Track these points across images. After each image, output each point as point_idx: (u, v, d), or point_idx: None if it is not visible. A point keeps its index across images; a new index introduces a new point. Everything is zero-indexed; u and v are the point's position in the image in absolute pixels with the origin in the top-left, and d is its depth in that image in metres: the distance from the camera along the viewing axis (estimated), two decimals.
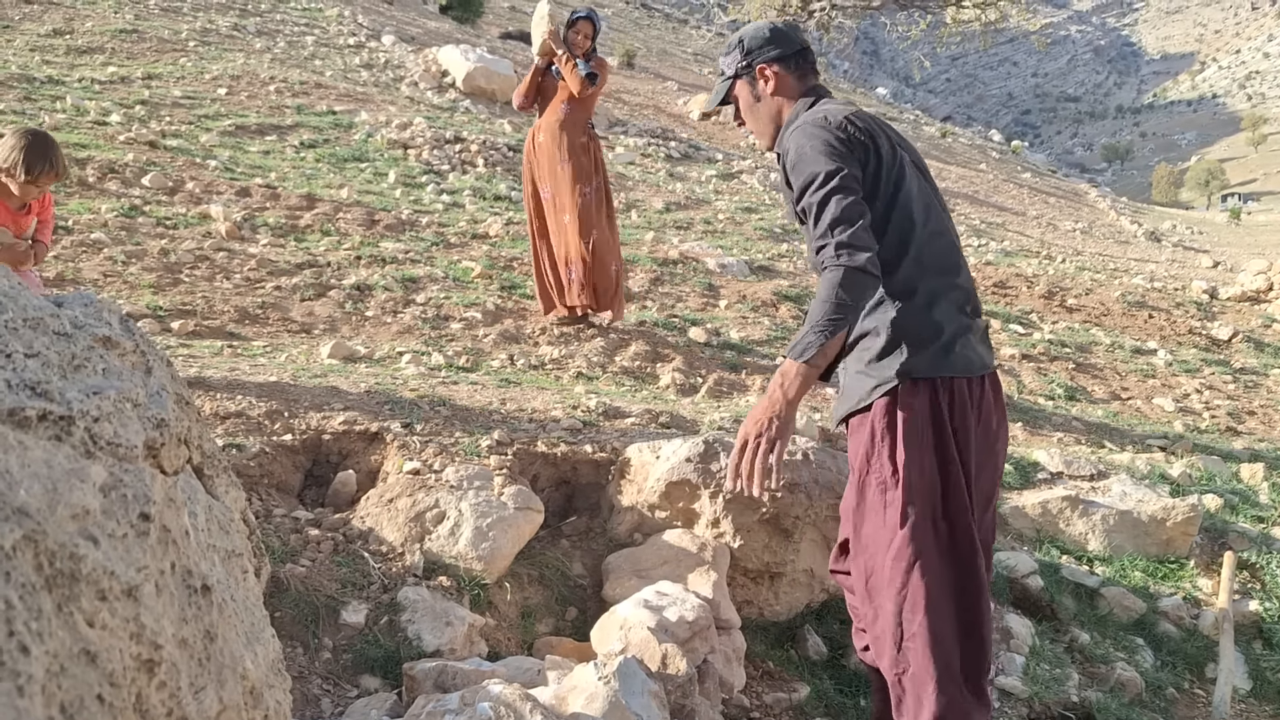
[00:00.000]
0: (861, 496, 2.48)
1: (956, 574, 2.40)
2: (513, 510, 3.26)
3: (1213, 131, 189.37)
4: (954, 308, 2.43)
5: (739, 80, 2.65)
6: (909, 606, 2.38)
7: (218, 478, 1.25)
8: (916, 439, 2.37)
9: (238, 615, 1.10)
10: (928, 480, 2.36)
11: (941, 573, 2.38)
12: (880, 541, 2.44)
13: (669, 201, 11.51)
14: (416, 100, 13.44)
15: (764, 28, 2.64)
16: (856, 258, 2.19)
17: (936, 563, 2.38)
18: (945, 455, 2.38)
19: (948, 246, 2.50)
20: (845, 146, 2.35)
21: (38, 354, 0.90)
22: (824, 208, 2.27)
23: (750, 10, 20.71)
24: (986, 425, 2.48)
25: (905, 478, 2.37)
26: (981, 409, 2.46)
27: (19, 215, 3.70)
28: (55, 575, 0.75)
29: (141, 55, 11.94)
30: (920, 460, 2.36)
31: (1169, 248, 21.90)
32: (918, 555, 2.37)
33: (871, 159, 2.40)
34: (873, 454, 2.44)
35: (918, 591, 2.37)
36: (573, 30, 6.01)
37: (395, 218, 7.99)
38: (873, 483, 2.44)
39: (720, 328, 6.89)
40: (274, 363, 4.65)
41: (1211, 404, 7.62)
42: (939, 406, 2.38)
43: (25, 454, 0.79)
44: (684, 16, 45.90)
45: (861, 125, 2.42)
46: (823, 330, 2.18)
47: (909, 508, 2.36)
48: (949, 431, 2.38)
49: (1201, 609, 4.20)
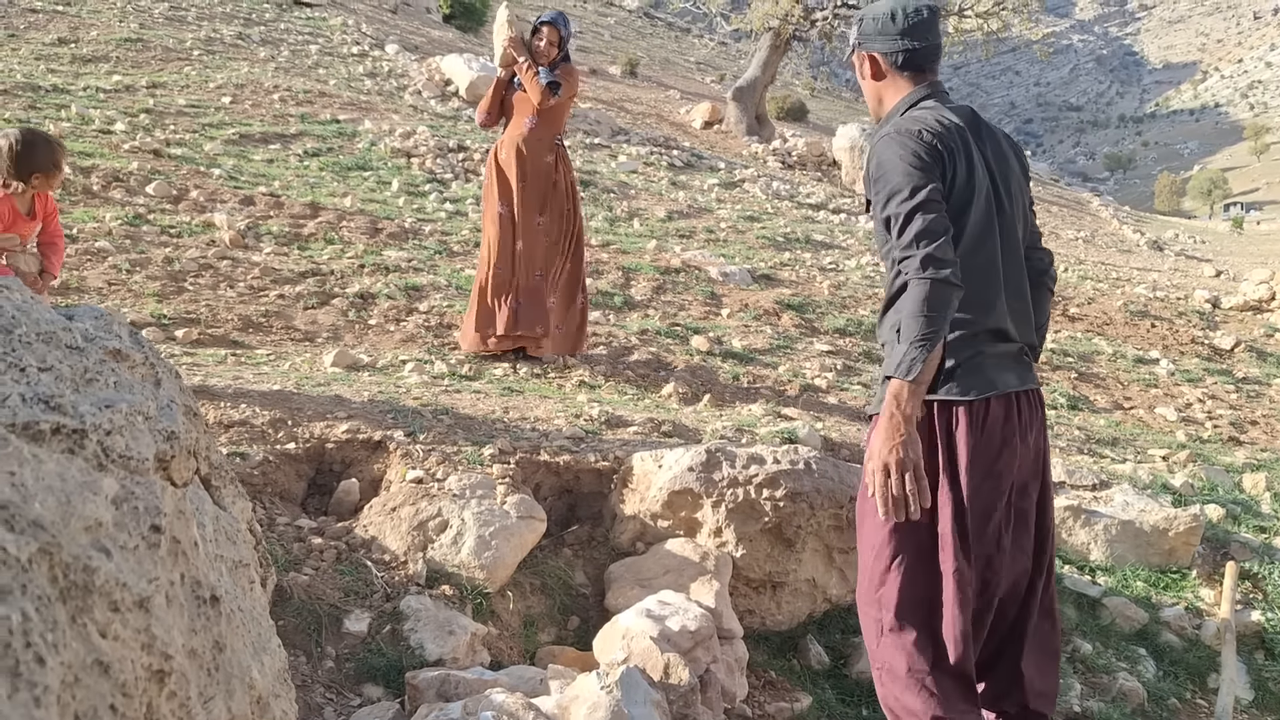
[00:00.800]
0: (865, 501, 2.54)
1: (933, 582, 2.44)
2: (515, 519, 3.27)
3: (1215, 141, 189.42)
4: (965, 336, 2.45)
5: (855, 52, 2.67)
6: (884, 605, 2.45)
7: (225, 488, 1.26)
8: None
9: (245, 625, 1.10)
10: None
11: (916, 577, 2.43)
12: (870, 541, 2.50)
13: (671, 210, 11.53)
14: (420, 109, 13.47)
15: (883, 13, 2.58)
16: (942, 271, 2.24)
17: (914, 567, 2.43)
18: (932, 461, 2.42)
19: (989, 280, 2.50)
20: (931, 159, 2.38)
21: (51, 368, 0.91)
22: (910, 221, 2.31)
23: (753, 19, 20.76)
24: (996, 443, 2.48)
25: None
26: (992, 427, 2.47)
27: (26, 221, 3.72)
28: (69, 587, 0.76)
29: (146, 64, 11.98)
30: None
31: (1171, 257, 21.90)
32: (895, 555, 2.44)
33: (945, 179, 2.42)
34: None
35: (891, 591, 2.44)
36: (536, 37, 5.51)
37: (398, 226, 8.01)
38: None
39: (723, 336, 6.90)
40: (277, 371, 4.67)
41: (1214, 414, 7.62)
42: (946, 422, 2.42)
43: (39, 467, 0.80)
44: (687, 26, 46.00)
45: (946, 144, 2.43)
46: (921, 345, 2.23)
47: None
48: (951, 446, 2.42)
49: (1204, 619, 4.20)
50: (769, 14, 20.18)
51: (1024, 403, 2.55)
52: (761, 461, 3.60)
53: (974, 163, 2.49)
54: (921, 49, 2.58)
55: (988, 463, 2.47)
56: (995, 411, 2.48)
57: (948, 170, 2.42)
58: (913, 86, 2.60)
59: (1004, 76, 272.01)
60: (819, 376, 6.43)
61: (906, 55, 2.57)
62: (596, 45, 31.18)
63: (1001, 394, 2.50)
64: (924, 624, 2.45)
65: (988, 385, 2.47)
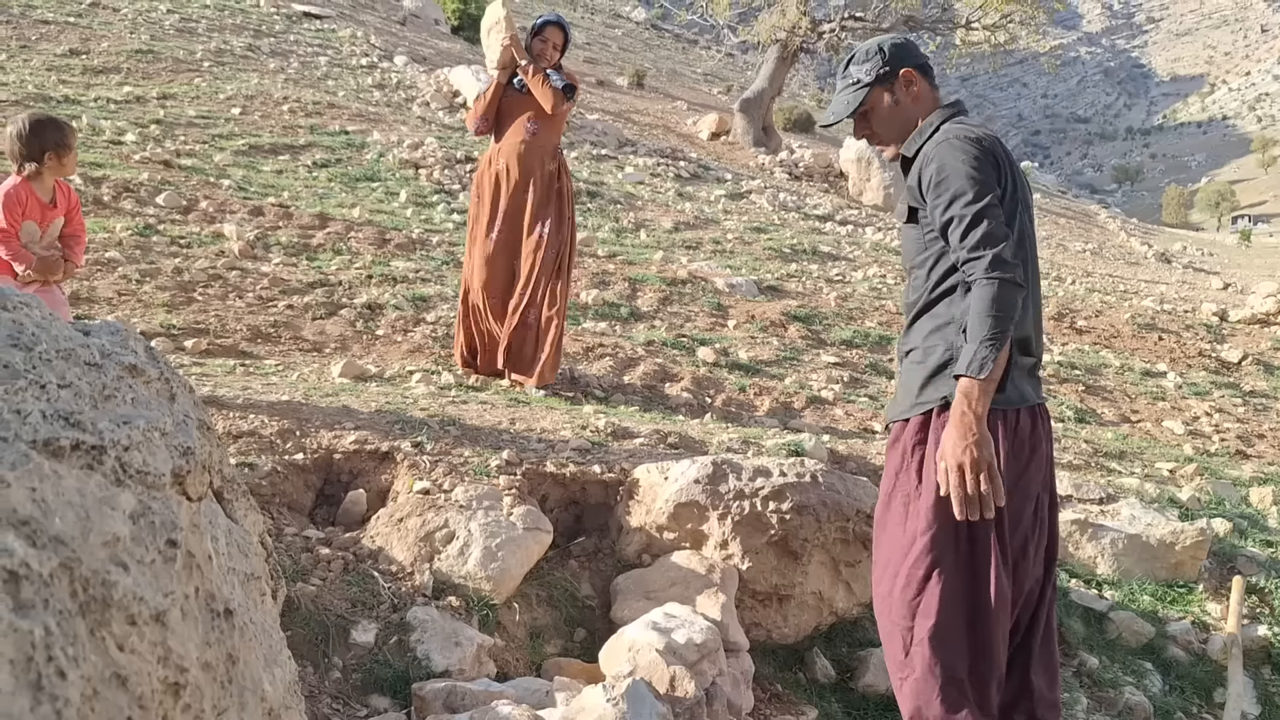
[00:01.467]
0: (886, 509, 2.57)
1: (974, 589, 2.44)
2: (521, 530, 3.28)
3: (1223, 153, 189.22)
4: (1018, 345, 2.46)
5: (877, 87, 2.65)
6: (921, 612, 2.44)
7: (237, 501, 1.28)
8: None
9: (257, 638, 1.12)
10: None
11: (957, 584, 2.43)
12: (899, 549, 2.51)
13: (678, 221, 11.56)
14: (428, 120, 13.53)
15: (897, 38, 2.67)
16: (1009, 273, 2.29)
17: (953, 574, 2.43)
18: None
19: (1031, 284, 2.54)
20: (990, 165, 2.43)
21: (70, 384, 0.93)
22: (977, 223, 2.34)
23: (761, 31, 20.82)
24: (1025, 454, 2.51)
25: (932, 490, 2.43)
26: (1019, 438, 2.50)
27: (47, 209, 3.76)
28: (89, 601, 0.78)
29: (157, 75, 12.05)
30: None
31: (1179, 269, 21.88)
32: (936, 563, 2.43)
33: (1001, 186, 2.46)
34: (901, 469, 2.55)
35: (932, 597, 2.43)
36: (539, 39, 5.13)
37: (406, 237, 8.04)
38: (898, 495, 2.55)
39: (729, 348, 6.91)
40: (286, 381, 4.69)
41: (1221, 427, 7.61)
42: None
43: (60, 483, 0.82)
44: (694, 37, 46.14)
45: (999, 152, 2.48)
46: (992, 344, 2.26)
47: (932, 518, 2.42)
48: None
49: (1210, 634, 4.19)
50: (776, 26, 20.24)
51: (1040, 414, 2.59)
52: (768, 474, 3.60)
53: (1017, 173, 2.54)
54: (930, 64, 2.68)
55: (1018, 473, 2.50)
56: (1024, 422, 2.51)
57: (1003, 178, 2.46)
58: (940, 101, 2.66)
59: (1011, 88, 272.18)
60: (825, 389, 6.44)
61: (930, 69, 2.67)
62: (604, 56, 31.27)
63: (1029, 406, 2.54)
64: (963, 633, 2.45)
65: (1020, 397, 2.50)
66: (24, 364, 0.88)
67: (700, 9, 22.38)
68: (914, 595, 2.46)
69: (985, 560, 2.44)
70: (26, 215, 3.67)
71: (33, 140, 3.65)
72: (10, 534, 0.71)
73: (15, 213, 3.63)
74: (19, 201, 3.65)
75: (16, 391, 0.85)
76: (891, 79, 2.63)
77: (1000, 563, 2.44)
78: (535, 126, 5.15)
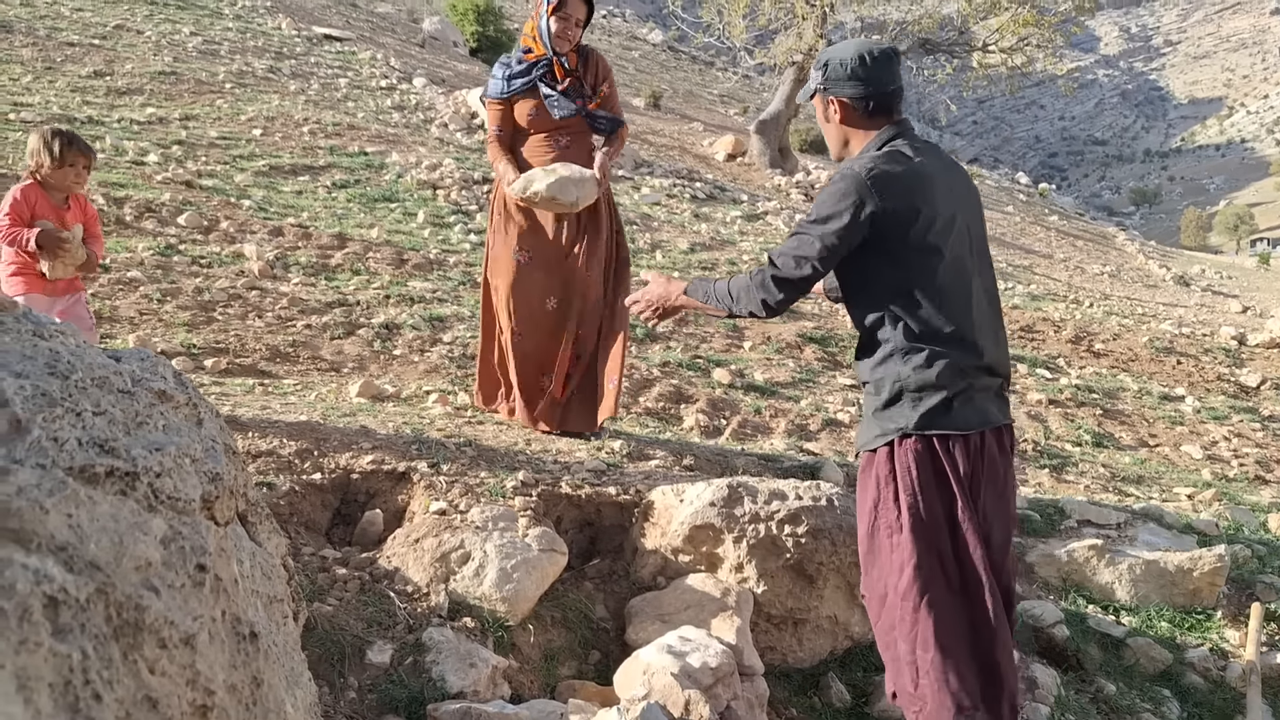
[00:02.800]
0: (872, 542, 2.60)
1: (969, 612, 2.47)
2: (537, 552, 3.29)
3: (1241, 176, 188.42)
4: (956, 368, 2.53)
5: (816, 95, 2.76)
6: (920, 644, 2.46)
7: (260, 524, 1.30)
8: (917, 485, 2.51)
9: (280, 660, 1.13)
10: (932, 522, 2.47)
11: (952, 610, 2.46)
12: (890, 583, 2.52)
13: (694, 242, 11.59)
14: (446, 141, 13.63)
15: (851, 58, 2.65)
16: (774, 293, 2.62)
17: (946, 601, 2.46)
18: (949, 499, 2.48)
19: (962, 310, 2.57)
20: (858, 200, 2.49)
21: (105, 412, 0.95)
22: (800, 236, 2.58)
23: (777, 53, 20.91)
24: (994, 477, 2.57)
25: (910, 520, 2.50)
26: (986, 460, 2.56)
27: (61, 210, 3.86)
28: (122, 625, 0.79)
29: (179, 97, 12.19)
30: (924, 503, 2.47)
31: (1198, 292, 21.77)
32: (924, 593, 2.46)
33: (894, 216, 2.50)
34: (879, 500, 2.58)
35: (927, 629, 2.45)
36: (558, 15, 4.19)
37: (424, 257, 8.10)
38: (881, 528, 2.59)
39: (745, 369, 6.92)
40: (304, 401, 4.72)
41: (1240, 452, 7.56)
42: (939, 456, 2.50)
43: (94, 509, 0.84)
44: (710, 59, 46.35)
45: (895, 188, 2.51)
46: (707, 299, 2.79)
47: (916, 548, 2.46)
48: (950, 478, 2.48)
49: (1229, 661, 4.15)
50: (792, 48, 20.32)
51: (1006, 433, 2.65)
52: (783, 497, 3.61)
53: (936, 197, 2.56)
54: (890, 92, 2.65)
55: (997, 493, 2.59)
56: (990, 444, 2.57)
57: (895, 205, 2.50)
58: (879, 129, 2.67)
59: (1028, 110, 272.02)
60: (841, 411, 6.44)
61: (877, 100, 2.64)
62: (621, 78, 31.43)
63: (995, 427, 2.59)
64: (967, 660, 2.47)
65: (981, 420, 2.56)
66: (61, 392, 0.91)
67: (717, 31, 22.49)
68: (910, 627, 2.48)
69: (976, 582, 2.47)
70: (37, 215, 3.76)
71: (46, 152, 3.76)
72: (49, 560, 0.73)
73: (22, 211, 3.73)
74: (28, 202, 3.75)
75: (54, 419, 0.88)
76: (824, 95, 2.71)
77: (992, 583, 2.47)
78: (567, 140, 4.40)
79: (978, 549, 2.47)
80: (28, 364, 0.90)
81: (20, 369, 0.89)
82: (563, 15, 4.21)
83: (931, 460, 2.50)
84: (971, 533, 2.47)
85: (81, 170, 3.85)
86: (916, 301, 2.52)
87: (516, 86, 4.34)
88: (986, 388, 2.59)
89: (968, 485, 2.50)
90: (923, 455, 2.50)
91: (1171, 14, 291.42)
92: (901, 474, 2.52)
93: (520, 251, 4.42)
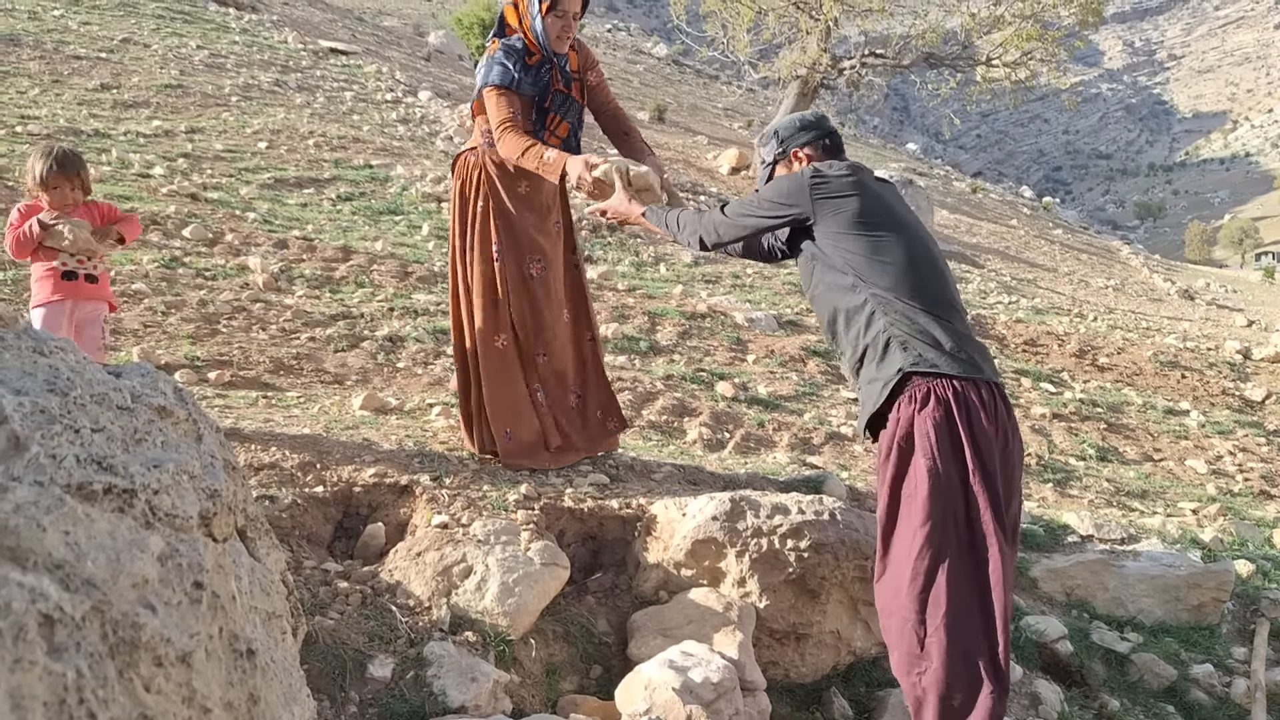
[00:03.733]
0: (893, 508, 2.66)
1: (978, 572, 2.57)
2: (539, 566, 3.29)
3: (1246, 190, 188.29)
4: (948, 325, 2.74)
5: (778, 164, 3.20)
6: (933, 602, 2.56)
7: (259, 540, 1.30)
8: (935, 450, 2.60)
9: (278, 676, 1.13)
10: (950, 485, 2.56)
11: (961, 570, 2.56)
12: (904, 544, 2.60)
13: (697, 256, 11.60)
14: (450, 155, 13.67)
15: (794, 120, 3.20)
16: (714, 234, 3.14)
17: (957, 560, 2.57)
18: (960, 458, 2.58)
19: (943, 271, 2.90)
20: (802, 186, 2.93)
21: (103, 429, 0.95)
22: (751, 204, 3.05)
23: (782, 67, 20.96)
24: (1002, 431, 2.68)
25: (930, 483, 2.59)
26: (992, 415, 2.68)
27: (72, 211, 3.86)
28: (118, 643, 0.79)
29: (185, 110, 12.25)
30: (938, 464, 2.59)
31: (1202, 306, 21.75)
32: (939, 553, 2.56)
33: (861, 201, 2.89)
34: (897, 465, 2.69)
35: (940, 587, 2.57)
36: (554, 14, 3.75)
37: (428, 270, 8.11)
38: (903, 495, 2.65)
39: (748, 382, 6.91)
40: (307, 414, 4.72)
41: (1245, 467, 7.54)
42: (950, 410, 2.62)
43: (92, 526, 0.84)
44: (715, 73, 46.50)
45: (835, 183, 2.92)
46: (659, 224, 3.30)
47: (931, 510, 2.56)
48: (961, 436, 2.57)
49: (1234, 677, 4.13)
50: (797, 62, 20.39)
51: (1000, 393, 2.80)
52: (786, 511, 3.60)
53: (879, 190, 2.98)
54: (836, 136, 3.16)
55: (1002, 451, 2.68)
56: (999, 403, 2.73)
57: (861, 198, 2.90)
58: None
59: (1032, 125, 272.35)
60: (845, 425, 6.43)
61: (829, 137, 3.15)
62: (626, 91, 31.54)
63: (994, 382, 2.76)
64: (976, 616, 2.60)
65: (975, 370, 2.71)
66: (60, 409, 0.91)
67: (721, 46, 22.56)
68: (922, 588, 2.59)
69: (984, 542, 2.56)
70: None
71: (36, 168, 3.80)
72: (45, 578, 0.73)
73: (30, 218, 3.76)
74: (34, 210, 3.79)
75: (52, 436, 0.88)
76: (785, 157, 3.18)
77: (1000, 542, 2.56)
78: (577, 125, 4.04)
79: (987, 511, 2.57)
80: (27, 381, 0.90)
81: (20, 386, 0.89)
82: (559, 13, 3.76)
83: (942, 413, 2.61)
84: (983, 495, 2.58)
85: (69, 191, 3.84)
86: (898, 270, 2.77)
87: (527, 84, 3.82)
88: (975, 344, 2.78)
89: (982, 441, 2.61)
90: (931, 409, 2.62)
91: (1175, 28, 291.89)
92: (920, 438, 2.62)
93: (532, 263, 4.00)
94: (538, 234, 4.01)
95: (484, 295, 3.97)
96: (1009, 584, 2.61)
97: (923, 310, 2.72)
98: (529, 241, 3.98)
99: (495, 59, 3.84)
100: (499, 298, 3.98)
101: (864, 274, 2.77)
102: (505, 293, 3.97)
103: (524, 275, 3.99)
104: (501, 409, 3.98)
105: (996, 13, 20.52)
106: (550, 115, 3.92)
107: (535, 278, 4.00)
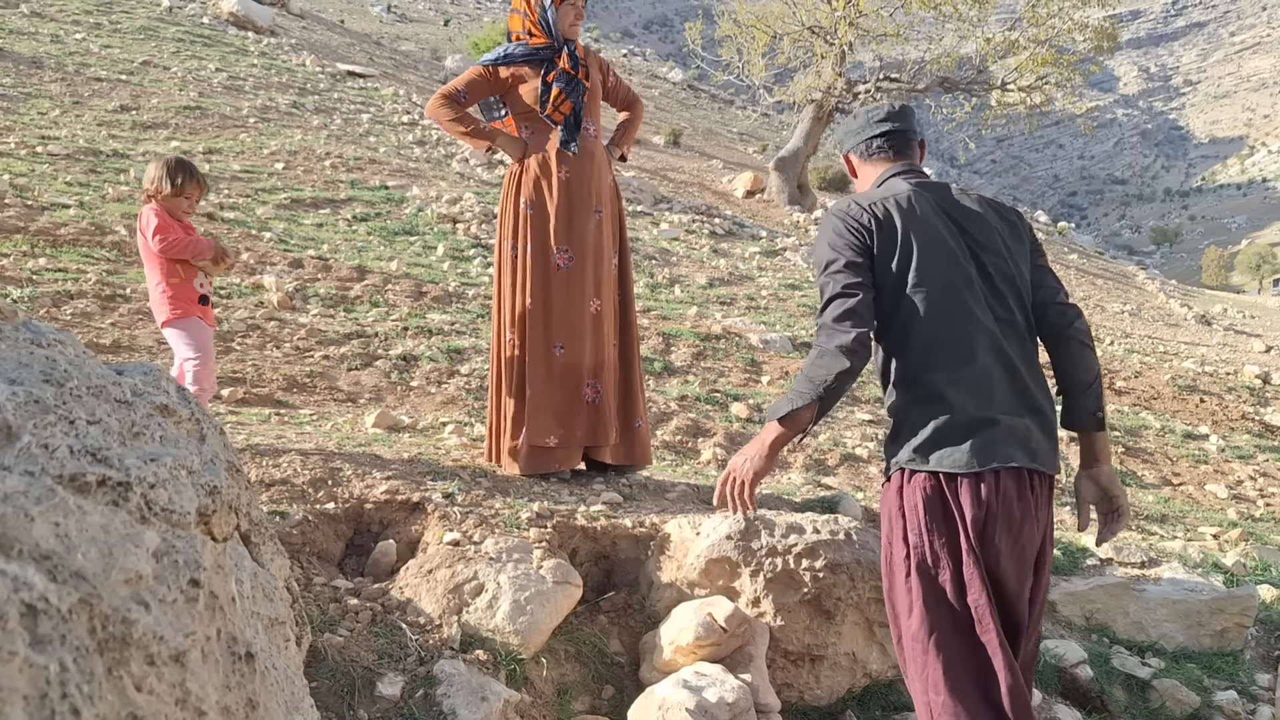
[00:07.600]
0: (890, 578, 2.54)
1: (977, 658, 2.40)
2: (551, 584, 3.25)
3: (1263, 216, 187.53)
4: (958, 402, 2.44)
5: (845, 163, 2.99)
6: (931, 686, 2.42)
7: (264, 545, 1.27)
8: (923, 525, 2.44)
9: (279, 684, 1.10)
10: (937, 563, 2.43)
11: (957, 652, 2.40)
12: (902, 622, 2.50)
13: (712, 277, 11.59)
14: (466, 176, 13.73)
15: (853, 116, 2.94)
16: (834, 338, 2.41)
17: (954, 643, 2.39)
18: (954, 540, 2.41)
19: (963, 338, 2.48)
20: (849, 233, 2.57)
21: (99, 421, 0.93)
22: (824, 290, 2.53)
23: (796, 92, 21.03)
24: (1009, 520, 2.41)
25: (916, 560, 2.45)
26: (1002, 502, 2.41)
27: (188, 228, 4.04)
28: (108, 639, 0.76)
29: (203, 131, 12.34)
30: (929, 544, 2.42)
31: (1220, 331, 21.60)
32: (932, 634, 2.42)
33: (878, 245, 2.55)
34: (891, 536, 2.55)
35: (936, 671, 2.41)
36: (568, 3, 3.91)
37: (442, 290, 8.11)
38: (895, 564, 2.53)
39: (762, 404, 6.87)
40: (320, 431, 4.71)
41: (1266, 491, 7.44)
42: (946, 497, 2.42)
43: (84, 518, 0.81)
44: (730, 97, 46.68)
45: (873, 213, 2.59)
46: (793, 400, 2.38)
47: (922, 588, 2.43)
48: (956, 518, 2.40)
49: (1258, 704, 4.05)
50: (812, 86, 20.45)
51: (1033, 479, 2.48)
52: (801, 531, 3.55)
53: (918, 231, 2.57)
54: (886, 134, 2.80)
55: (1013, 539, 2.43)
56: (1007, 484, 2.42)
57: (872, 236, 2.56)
58: (881, 171, 2.80)
59: (1047, 149, 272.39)
60: (860, 446, 6.38)
61: (876, 143, 2.81)
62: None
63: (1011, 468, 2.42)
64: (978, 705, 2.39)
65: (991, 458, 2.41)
66: (54, 399, 0.88)
67: (737, 70, 22.65)
68: (921, 668, 2.44)
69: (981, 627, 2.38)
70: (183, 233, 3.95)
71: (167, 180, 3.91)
72: (31, 568, 0.70)
73: (171, 223, 3.91)
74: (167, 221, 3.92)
75: (45, 426, 0.85)
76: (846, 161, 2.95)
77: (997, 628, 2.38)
78: (593, 125, 4.11)
79: (981, 594, 2.39)
80: (23, 371, 0.88)
81: (15, 375, 0.87)
82: (570, 2, 3.90)
83: (940, 501, 2.43)
84: (975, 577, 2.40)
85: (195, 202, 4.03)
86: (905, 331, 2.53)
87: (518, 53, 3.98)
88: (1010, 429, 2.45)
89: (978, 527, 2.41)
90: (931, 496, 2.43)
91: (1191, 54, 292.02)
92: (909, 512, 2.46)
93: (560, 253, 3.97)
94: (569, 223, 4.00)
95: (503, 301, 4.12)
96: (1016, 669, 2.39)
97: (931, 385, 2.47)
98: (560, 230, 4.00)
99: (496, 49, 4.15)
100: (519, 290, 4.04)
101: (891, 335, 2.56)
102: (524, 283, 4.02)
103: (554, 267, 4.01)
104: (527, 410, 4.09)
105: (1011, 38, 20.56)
106: (554, 90, 3.98)
107: (560, 269, 4.01)
